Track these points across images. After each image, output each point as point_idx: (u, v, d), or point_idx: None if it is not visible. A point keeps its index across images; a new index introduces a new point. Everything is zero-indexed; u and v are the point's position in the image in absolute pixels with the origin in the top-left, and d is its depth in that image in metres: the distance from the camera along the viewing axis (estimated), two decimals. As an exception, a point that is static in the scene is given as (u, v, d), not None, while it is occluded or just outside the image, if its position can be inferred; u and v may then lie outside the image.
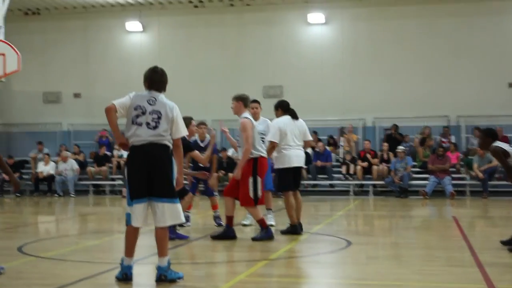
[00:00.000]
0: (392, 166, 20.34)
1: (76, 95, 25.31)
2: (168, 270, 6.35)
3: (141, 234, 6.73)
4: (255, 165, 9.37)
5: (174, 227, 9.49)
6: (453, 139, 21.73)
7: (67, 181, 21.96)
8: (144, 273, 6.85)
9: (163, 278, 6.32)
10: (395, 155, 20.66)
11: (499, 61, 22.19)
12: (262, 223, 9.48)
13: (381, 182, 20.63)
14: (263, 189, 9.56)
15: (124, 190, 15.56)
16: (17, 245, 9.03)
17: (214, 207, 11.58)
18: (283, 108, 10.50)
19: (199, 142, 11.36)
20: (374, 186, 20.82)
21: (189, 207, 10.87)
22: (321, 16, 23.53)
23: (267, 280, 6.77)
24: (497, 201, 18.34)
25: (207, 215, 12.99)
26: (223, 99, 13.43)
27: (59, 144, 24.41)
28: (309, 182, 21.43)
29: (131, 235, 6.43)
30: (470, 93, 22.11)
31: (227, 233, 9.56)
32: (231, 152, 20.94)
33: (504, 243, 8.65)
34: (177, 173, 6.56)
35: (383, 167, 20.68)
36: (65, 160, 22.31)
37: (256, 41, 23.90)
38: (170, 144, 6.45)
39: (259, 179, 9.38)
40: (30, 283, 6.43)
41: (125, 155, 7.99)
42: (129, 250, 6.42)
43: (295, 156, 10.26)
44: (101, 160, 22.74)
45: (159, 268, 6.36)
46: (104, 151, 22.91)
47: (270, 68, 23.62)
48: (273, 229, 10.02)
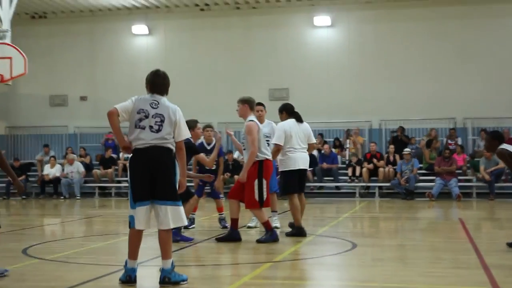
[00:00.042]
0: (398, 168, 20.30)
1: (83, 98, 25.33)
2: (172, 273, 6.33)
3: (145, 237, 6.74)
4: (260, 167, 9.37)
5: (179, 229, 9.50)
6: (459, 141, 21.65)
7: (73, 183, 22.04)
8: (148, 275, 6.84)
9: (167, 281, 6.30)
10: (401, 157, 20.62)
11: (506, 63, 22.11)
12: (267, 225, 9.47)
13: (387, 184, 20.58)
14: (268, 191, 9.56)
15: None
16: (22, 248, 9.04)
17: (219, 209, 11.60)
18: (288, 111, 10.50)
19: (205, 145, 11.35)
20: (380, 188, 20.78)
21: (194, 209, 10.88)
22: (327, 19, 23.48)
23: (271, 283, 6.73)
24: (503, 203, 18.26)
25: (212, 217, 12.98)
26: (229, 102, 13.40)
27: (65, 146, 24.47)
28: (315, 184, 21.40)
29: (135, 238, 6.43)
30: (477, 95, 22.04)
31: (232, 236, 9.56)
32: (236, 155, 20.94)
33: (510, 245, 8.61)
34: (180, 175, 6.55)
35: (389, 169, 20.64)
36: (71, 162, 22.37)
37: (262, 44, 23.87)
38: (173, 147, 6.45)
39: (264, 181, 9.39)
40: (34, 286, 6.42)
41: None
42: (133, 252, 6.42)
43: (300, 158, 10.27)
44: (107, 162, 22.81)
45: (163, 271, 6.35)
46: (110, 153, 22.96)
47: (276, 71, 23.59)
48: (278, 231, 10.02)
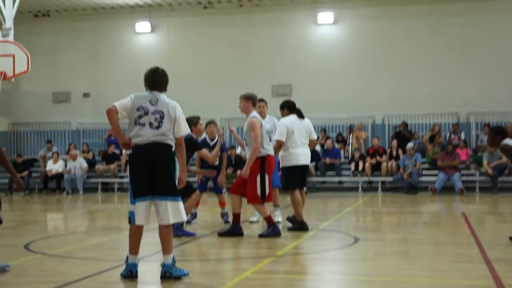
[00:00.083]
0: (401, 163, 20.28)
1: (86, 95, 25.37)
2: (173, 267, 6.33)
3: (146, 232, 6.73)
4: (263, 163, 9.37)
5: (182, 224, 9.49)
6: (462, 136, 21.62)
7: (76, 179, 22.08)
8: (149, 270, 6.83)
9: (168, 275, 6.30)
10: (404, 152, 20.59)
11: (509, 58, 22.08)
12: (269, 220, 9.47)
13: (389, 179, 20.55)
14: (271, 186, 9.55)
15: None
16: (24, 243, 9.04)
17: (221, 204, 11.59)
18: (289, 107, 10.53)
19: (208, 141, 11.33)
20: (382, 183, 20.75)
21: (196, 204, 10.88)
22: (330, 16, 23.46)
23: (273, 277, 6.72)
24: (506, 197, 18.20)
25: (214, 212, 12.98)
26: (232, 98, 13.40)
27: (68, 142, 24.53)
28: (318, 179, 21.39)
29: (135, 233, 6.43)
30: (480, 90, 22.02)
31: (234, 230, 9.56)
32: (239, 150, 20.91)
33: (513, 239, 8.60)
34: (180, 171, 6.53)
35: (392, 164, 20.62)
36: (74, 158, 22.40)
37: (265, 41, 23.85)
38: (173, 144, 6.45)
39: (267, 177, 9.39)
40: (34, 281, 6.41)
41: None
42: (134, 248, 6.42)
43: (301, 154, 10.29)
44: (109, 158, 22.83)
45: (164, 265, 6.34)
46: (113, 149, 22.97)
47: (279, 68, 23.58)
48: (280, 226, 10.02)
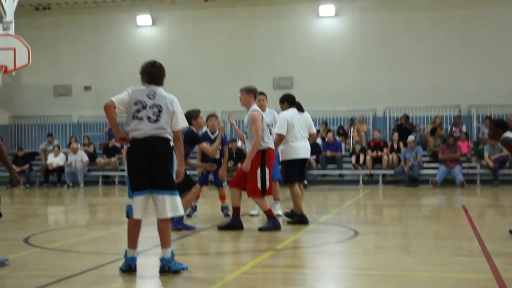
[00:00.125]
0: (402, 156, 20.25)
1: (86, 88, 25.34)
2: (172, 261, 6.33)
3: (145, 226, 6.72)
4: (263, 156, 9.36)
5: (181, 218, 9.47)
6: (464, 128, 21.58)
7: (77, 172, 22.07)
8: (148, 264, 6.82)
9: (167, 269, 6.29)
10: (405, 145, 20.56)
11: (510, 50, 22.00)
12: (269, 213, 9.46)
13: (390, 172, 20.53)
14: (271, 180, 9.54)
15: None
16: (24, 236, 9.04)
17: (222, 197, 11.59)
18: (289, 101, 10.51)
19: (209, 134, 11.32)
20: (383, 176, 20.73)
21: (196, 197, 10.87)
22: (332, 9, 23.40)
23: (272, 271, 6.72)
24: (507, 189, 18.19)
25: (214, 205, 12.97)
26: (233, 91, 13.34)
27: (69, 136, 24.52)
28: (318, 172, 21.37)
29: (134, 227, 6.42)
30: (482, 83, 21.97)
31: (234, 224, 9.55)
32: (240, 143, 20.91)
33: (513, 232, 8.58)
34: (178, 165, 6.52)
35: (393, 157, 20.59)
36: (75, 151, 22.39)
37: (267, 34, 23.79)
38: (171, 137, 6.44)
39: (267, 170, 9.37)
40: (33, 275, 6.40)
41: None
42: (132, 242, 6.42)
43: (301, 148, 10.29)
44: (110, 151, 22.82)
45: (162, 259, 6.34)
46: (113, 142, 22.93)
47: (280, 60, 23.53)
48: (280, 219, 10.00)
